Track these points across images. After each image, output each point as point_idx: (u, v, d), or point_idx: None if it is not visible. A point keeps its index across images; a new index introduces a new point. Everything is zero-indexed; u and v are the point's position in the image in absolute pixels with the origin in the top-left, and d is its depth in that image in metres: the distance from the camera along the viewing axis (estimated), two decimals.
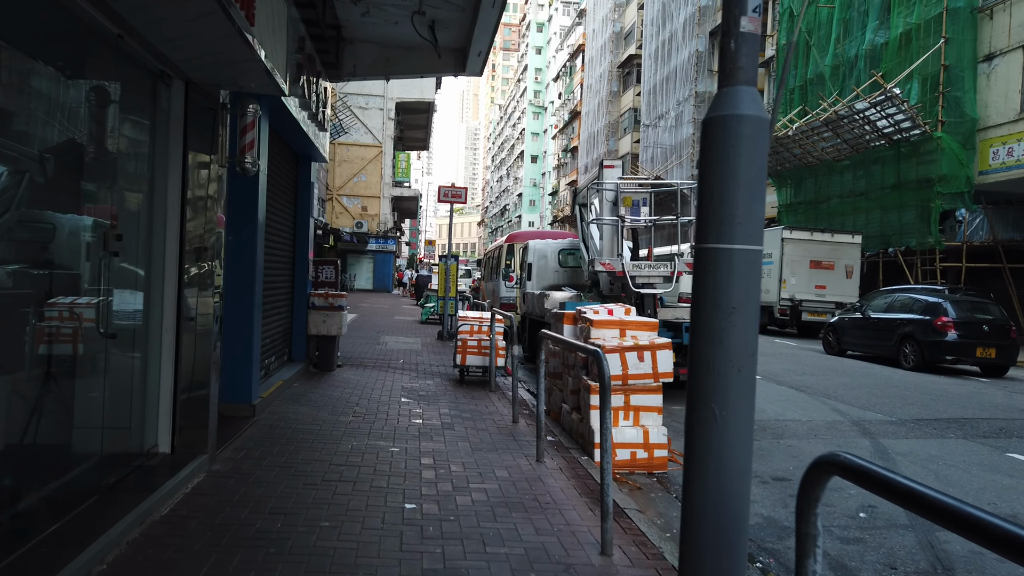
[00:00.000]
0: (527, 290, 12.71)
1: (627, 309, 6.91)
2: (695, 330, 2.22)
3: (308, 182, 9.54)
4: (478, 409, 7.54)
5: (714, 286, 2.14)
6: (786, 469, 6.10)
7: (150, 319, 4.55)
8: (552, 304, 10.10)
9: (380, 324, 18.78)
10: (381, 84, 44.11)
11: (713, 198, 2.15)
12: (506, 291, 16.47)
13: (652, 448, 5.85)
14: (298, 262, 9.42)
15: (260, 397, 6.68)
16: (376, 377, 9.42)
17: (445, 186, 14.94)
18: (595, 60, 58.08)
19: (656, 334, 6.43)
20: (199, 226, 4.72)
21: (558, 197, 74.60)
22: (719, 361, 2.12)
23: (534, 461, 5.49)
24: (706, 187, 2.19)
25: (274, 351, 8.33)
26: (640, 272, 9.25)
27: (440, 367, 10.79)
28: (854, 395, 9.97)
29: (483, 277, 20.80)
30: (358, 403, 7.46)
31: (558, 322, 7.38)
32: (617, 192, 9.84)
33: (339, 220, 42.93)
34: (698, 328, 2.20)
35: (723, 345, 2.12)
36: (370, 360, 11.23)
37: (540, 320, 10.63)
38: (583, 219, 12.16)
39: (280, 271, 8.66)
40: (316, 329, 9.47)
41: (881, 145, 21.54)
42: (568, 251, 13.00)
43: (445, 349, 13.37)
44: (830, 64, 24.23)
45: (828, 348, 16.04)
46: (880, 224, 21.92)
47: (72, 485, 3.62)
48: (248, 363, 6.29)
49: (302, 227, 9.48)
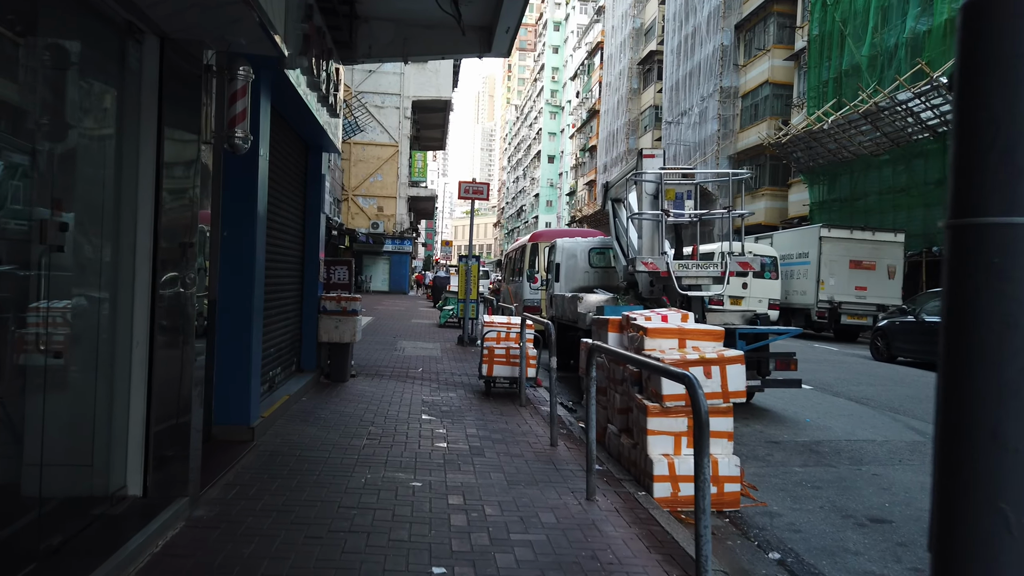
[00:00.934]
0: (555, 292, 11.78)
1: (684, 315, 5.96)
2: (951, 369, 1.28)
3: (319, 174, 8.68)
4: (509, 428, 6.62)
5: (1002, 291, 1.20)
6: (880, 506, 5.12)
7: (117, 331, 3.68)
8: (587, 308, 9.16)
9: (397, 328, 17.93)
10: (397, 82, 43.41)
11: (997, 134, 1.22)
12: (530, 293, 15.58)
13: (722, 482, 4.91)
14: (307, 262, 8.56)
15: (261, 417, 5.81)
16: (393, 389, 8.54)
17: (466, 182, 14.06)
18: (614, 57, 57.03)
19: (722, 344, 5.48)
20: (179, 217, 3.85)
21: (576, 197, 73.58)
22: (1016, 427, 1.18)
23: (583, 499, 4.56)
24: (975, 117, 1.26)
25: (280, 361, 7.47)
26: (687, 272, 8.29)
27: (463, 376, 9.89)
28: (924, 409, 8.93)
29: (503, 279, 19.90)
30: (373, 422, 6.57)
31: (601, 330, 6.45)
32: (659, 184, 8.89)
33: (355, 221, 42.23)
34: (962, 365, 1.26)
35: None
36: (387, 368, 10.34)
37: (571, 325, 9.69)
38: (616, 215, 11.22)
39: (287, 272, 7.80)
40: (327, 336, 8.61)
41: (925, 138, 20.39)
42: (599, 250, 12.06)
43: (467, 355, 12.48)
44: (867, 54, 23.08)
45: (876, 354, 14.96)
46: (923, 222, 20.76)
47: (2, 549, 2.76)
48: (245, 379, 5.42)
49: (312, 224, 8.61)
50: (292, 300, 8.10)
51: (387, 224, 42.74)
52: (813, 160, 24.96)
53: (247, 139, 3.95)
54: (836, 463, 6.22)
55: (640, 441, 5.17)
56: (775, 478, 5.73)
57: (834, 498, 5.26)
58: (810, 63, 26.58)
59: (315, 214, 8.64)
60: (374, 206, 43.26)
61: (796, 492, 5.37)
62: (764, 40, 32.80)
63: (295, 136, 7.92)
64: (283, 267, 7.57)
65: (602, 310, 8.26)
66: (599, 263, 12.03)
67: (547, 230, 18.70)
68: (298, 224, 8.29)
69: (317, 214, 8.66)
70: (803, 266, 19.72)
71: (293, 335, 8.17)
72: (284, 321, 7.66)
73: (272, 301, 6.98)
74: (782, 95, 31.42)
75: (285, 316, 7.71)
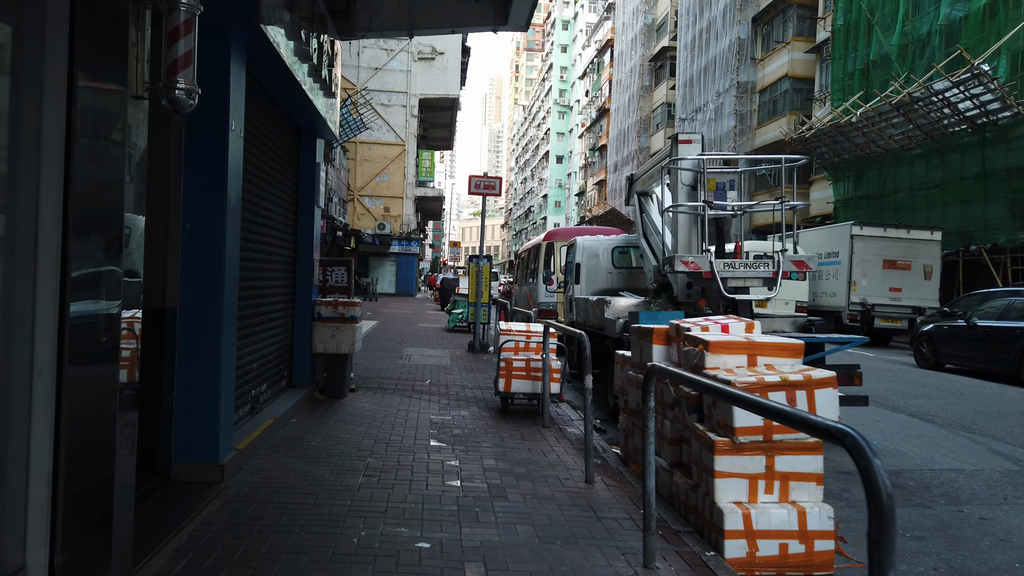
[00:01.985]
0: (576, 295, 10.73)
1: (749, 324, 4.91)
2: None
3: (313, 163, 7.67)
4: (534, 458, 5.59)
5: None
6: (1009, 567, 4.06)
7: (11, 355, 2.66)
8: (617, 313, 8.12)
9: (403, 332, 16.92)
10: (404, 80, 42.48)
11: None
12: (545, 296, 14.55)
13: (811, 538, 3.85)
14: (299, 263, 7.55)
15: (235, 450, 4.79)
16: (398, 406, 7.51)
17: (476, 176, 13.03)
18: (625, 54, 55.94)
19: (802, 361, 4.43)
20: (100, 199, 2.83)
21: (585, 197, 72.53)
22: None
23: (640, 567, 3.52)
24: None
25: (266, 377, 6.45)
26: (734, 273, 7.23)
27: (475, 389, 8.85)
28: (1002, 428, 7.83)
29: (516, 280, 18.87)
30: (372, 451, 5.54)
31: (643, 341, 5.40)
32: (698, 173, 7.84)
33: (361, 221, 41.29)
34: None
35: None
36: (391, 381, 9.32)
37: (598, 332, 8.64)
38: (643, 210, 10.19)
39: (274, 274, 6.80)
40: (323, 346, 7.59)
41: (962, 130, 19.24)
42: (623, 249, 11.01)
43: (479, 364, 11.45)
44: (897, 43, 21.93)
45: (921, 361, 13.83)
46: (959, 219, 19.60)
47: None
48: (212, 406, 4.41)
49: (305, 219, 7.61)
50: (281, 306, 7.09)
51: (393, 225, 41.78)
52: (838, 155, 23.82)
53: (193, 93, 2.93)
54: (930, 502, 5.15)
55: (704, 483, 4.12)
56: (862, 523, 4.66)
57: (946, 554, 4.20)
58: (834, 54, 25.44)
59: (309, 208, 7.63)
60: (380, 207, 42.32)
61: (897, 546, 4.30)
62: (783, 33, 31.66)
63: (283, 117, 6.91)
64: (269, 267, 6.56)
65: (636, 317, 7.21)
66: (623, 263, 10.98)
67: (563, 228, 17.67)
68: (288, 219, 7.29)
69: (311, 208, 7.65)
70: (832, 266, 18.60)
71: (282, 346, 7.16)
72: (271, 330, 6.65)
73: (254, 307, 5.98)
74: (802, 89, 30.27)
75: (272, 324, 6.70)
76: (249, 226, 5.77)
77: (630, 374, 5.63)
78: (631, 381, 5.58)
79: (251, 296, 5.85)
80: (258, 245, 6.10)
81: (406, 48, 42.40)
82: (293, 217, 7.49)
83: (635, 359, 5.61)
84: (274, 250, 6.76)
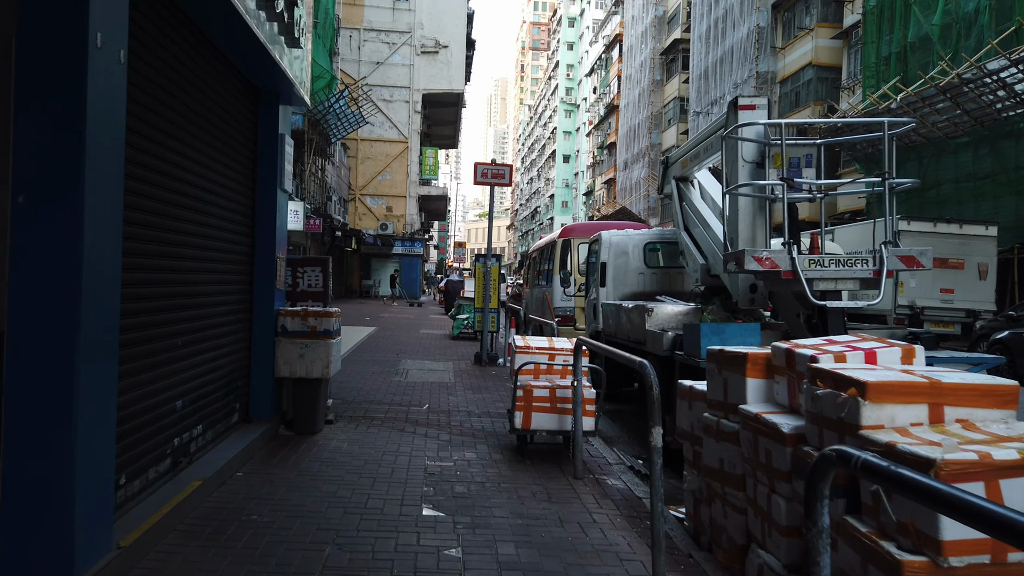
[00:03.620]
0: (602, 300, 9.05)
1: (907, 349, 3.22)
2: None
3: (275, 134, 6.01)
4: (569, 537, 3.90)
5: None
6: None
7: None
8: (662, 323, 6.44)
9: (402, 340, 15.25)
10: (407, 74, 40.87)
11: None
12: (561, 300, 12.88)
13: None
14: (258, 262, 5.89)
15: (116, 548, 3.12)
16: (384, 445, 5.84)
17: (484, 163, 11.36)
18: (634, 49, 54.22)
19: (1014, 412, 2.74)
20: None
21: (593, 196, 70.85)
22: None
23: None
24: None
25: (200, 417, 4.78)
26: (823, 272, 5.52)
27: (484, 417, 7.17)
28: None
29: (527, 282, 17.19)
30: (338, 532, 3.85)
31: (729, 371, 3.71)
32: (766, 145, 6.16)
33: (362, 222, 39.68)
34: None
35: None
36: (380, 405, 7.65)
37: (637, 347, 6.95)
38: (682, 198, 8.51)
39: (219, 276, 5.14)
40: (288, 368, 5.93)
41: (1018, 115, 17.46)
42: (657, 245, 9.32)
43: (486, 380, 9.77)
44: (939, 23, 20.14)
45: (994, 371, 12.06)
46: (1015, 212, 17.82)
47: None
48: (62, 483, 2.74)
49: (265, 205, 5.95)
50: (231, 318, 5.42)
51: (396, 225, 40.14)
52: (872, 146, 22.02)
53: None
54: None
55: None
56: None
57: None
58: (865, 39, 23.65)
59: (270, 192, 5.97)
60: (382, 206, 40.69)
61: None
62: (806, 19, 29.92)
63: (230, 71, 5.25)
64: (208, 268, 4.90)
65: (694, 330, 5.53)
66: (658, 262, 9.30)
67: (580, 223, 15.98)
68: (241, 205, 5.62)
69: (273, 192, 5.99)
70: None
71: (233, 370, 5.49)
72: (211, 351, 4.98)
73: (177, 323, 4.31)
74: (827, 78, 28.49)
75: (214, 343, 5.04)
76: (167, 209, 4.11)
77: (706, 416, 3.93)
78: (708, 428, 3.88)
79: (170, 307, 4.19)
80: (188, 237, 4.45)
81: (409, 42, 40.83)
82: (249, 203, 5.83)
83: (713, 395, 3.92)
84: (218, 244, 5.10)
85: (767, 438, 3.28)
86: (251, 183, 5.86)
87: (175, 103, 4.20)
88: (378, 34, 40.50)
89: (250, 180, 5.84)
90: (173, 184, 4.18)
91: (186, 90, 4.38)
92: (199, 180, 4.64)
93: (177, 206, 4.25)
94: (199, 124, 4.64)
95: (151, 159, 3.85)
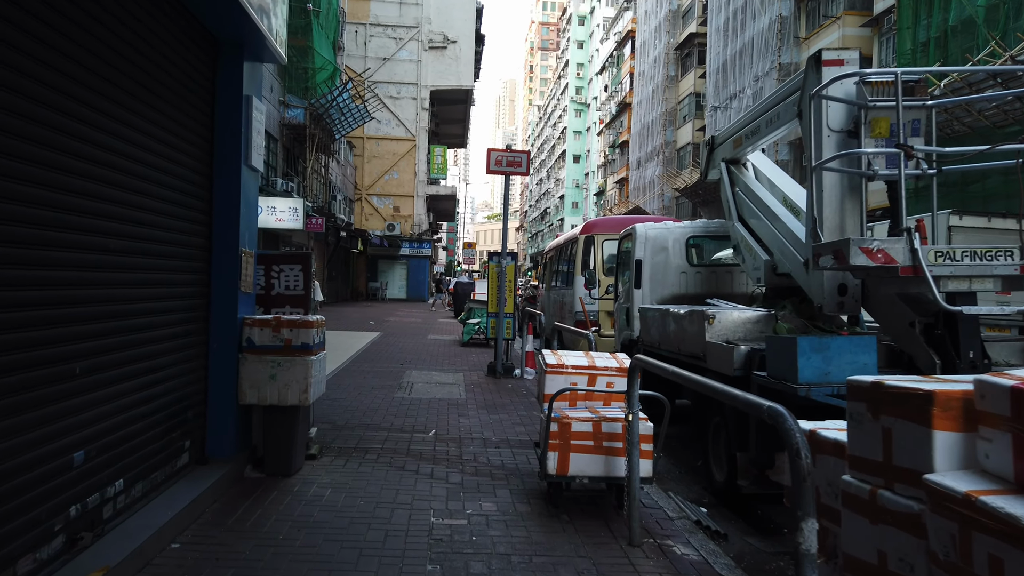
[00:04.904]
0: (639, 305, 7.75)
1: None
2: None
3: (239, 96, 4.73)
4: None
5: None
6: None
7: None
8: (726, 333, 5.15)
9: (408, 347, 13.97)
10: (414, 70, 39.67)
11: None
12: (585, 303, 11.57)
13: None
14: (217, 259, 4.62)
15: None
16: (379, 492, 4.55)
17: (498, 150, 10.07)
18: (647, 44, 52.89)
19: None
20: None
21: (605, 196, 69.50)
22: None
23: None
24: None
25: (124, 466, 3.49)
26: (955, 268, 4.20)
27: (503, 448, 5.87)
28: None
29: (544, 282, 15.88)
30: None
31: (897, 417, 2.38)
32: (862, 108, 4.85)
33: (368, 222, 38.46)
34: None
35: None
36: (378, 431, 6.36)
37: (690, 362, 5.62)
38: (734, 182, 7.22)
39: (161, 274, 3.87)
40: (256, 393, 4.65)
41: None
42: (702, 239, 8.01)
43: (503, 396, 8.46)
44: (984, 3, 18.73)
45: None
46: None
47: None
48: None
49: (226, 188, 4.67)
50: (175, 329, 4.15)
51: (404, 225, 38.89)
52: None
53: None
54: None
55: None
56: None
57: None
58: (900, 24, 22.23)
59: (232, 170, 4.69)
60: (389, 206, 39.46)
61: None
62: (832, 7, 28.51)
63: (174, 7, 3.98)
64: (140, 262, 3.63)
65: (781, 345, 4.22)
66: (702, 260, 7.98)
67: (604, 218, 14.67)
68: (193, 185, 4.35)
69: (237, 170, 4.71)
70: None
71: (180, 397, 4.20)
72: (142, 377, 3.70)
73: (84, 338, 3.04)
74: None
75: (146, 363, 3.76)
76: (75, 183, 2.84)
77: (849, 481, 2.61)
78: (854, 500, 2.55)
79: (65, 319, 2.92)
80: (105, 223, 3.18)
81: (416, 37, 39.65)
82: (206, 183, 4.56)
83: (862, 451, 2.58)
84: (158, 235, 3.83)
85: (994, 537, 1.97)
86: (207, 158, 4.59)
87: (99, 47, 2.94)
88: (384, 29, 39.33)
89: (206, 154, 4.57)
90: (87, 151, 2.91)
91: (116, 32, 3.12)
92: (128, 148, 3.37)
93: (90, 178, 2.98)
94: (131, 77, 3.38)
95: (54, 114, 2.59)
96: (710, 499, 5.15)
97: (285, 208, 18.80)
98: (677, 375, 3.27)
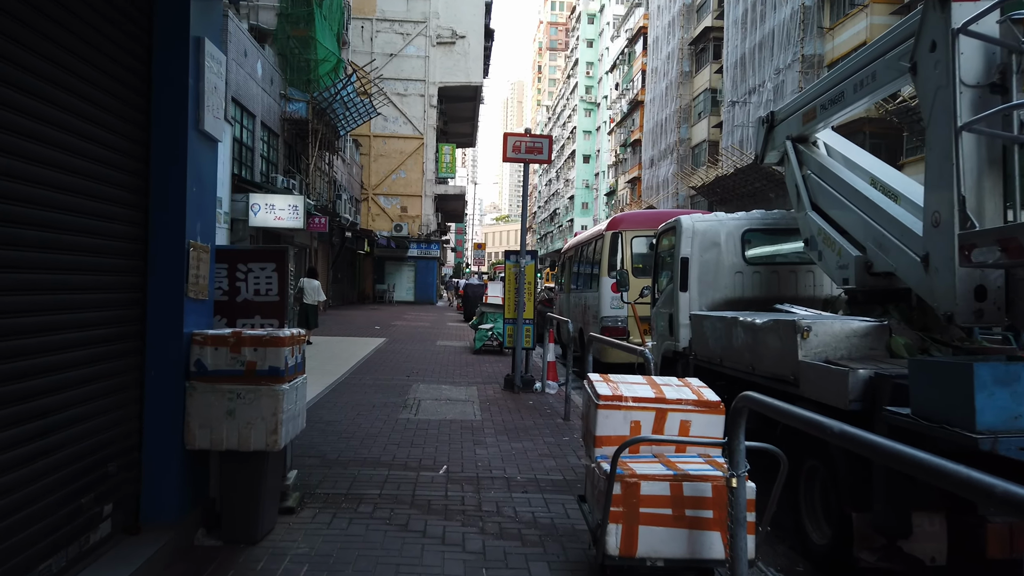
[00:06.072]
0: (685, 310, 6.54)
1: None
2: None
3: (183, 39, 3.55)
4: None
5: None
6: None
7: None
8: (829, 349, 3.94)
9: (415, 356, 12.78)
10: (422, 67, 38.54)
11: None
12: (611, 309, 10.39)
13: None
14: (156, 255, 3.44)
15: None
16: (373, 567, 3.35)
17: (515, 134, 8.88)
18: (660, 40, 51.58)
19: None
20: None
21: (616, 196, 68.21)
22: None
23: None
24: None
25: None
26: None
27: (531, 492, 4.66)
28: None
29: (562, 284, 14.67)
30: None
31: None
32: (1014, 52, 3.64)
33: (375, 222, 37.34)
34: None
35: None
36: (376, 467, 5.16)
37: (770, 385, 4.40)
38: (804, 163, 6.02)
39: (62, 275, 2.69)
40: (209, 435, 3.46)
41: None
42: (761, 234, 6.80)
43: (524, 417, 7.25)
44: None
45: None
46: None
47: None
48: None
49: (167, 160, 3.49)
50: (84, 351, 2.97)
51: (411, 226, 37.74)
52: None
53: None
54: None
55: None
56: None
57: None
58: None
59: (177, 136, 3.51)
60: (397, 206, 38.32)
61: None
62: None
63: None
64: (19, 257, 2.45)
65: (967, 375, 3.01)
66: (761, 257, 6.77)
67: (631, 213, 13.44)
68: (119, 154, 3.17)
69: (183, 136, 3.53)
70: None
71: (95, 445, 3.03)
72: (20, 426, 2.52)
73: None
74: None
75: (25, 405, 2.59)
76: None
77: None
78: None
79: None
80: None
81: (424, 32, 38.52)
82: (140, 151, 3.38)
83: None
84: (50, 217, 2.66)
85: None
86: (143, 120, 3.42)
87: None
88: (391, 24, 38.24)
89: (141, 115, 3.40)
90: None
91: None
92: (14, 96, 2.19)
93: None
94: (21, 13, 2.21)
95: None
96: (805, 566, 3.94)
97: (285, 206, 17.66)
98: (847, 436, 2.04)
